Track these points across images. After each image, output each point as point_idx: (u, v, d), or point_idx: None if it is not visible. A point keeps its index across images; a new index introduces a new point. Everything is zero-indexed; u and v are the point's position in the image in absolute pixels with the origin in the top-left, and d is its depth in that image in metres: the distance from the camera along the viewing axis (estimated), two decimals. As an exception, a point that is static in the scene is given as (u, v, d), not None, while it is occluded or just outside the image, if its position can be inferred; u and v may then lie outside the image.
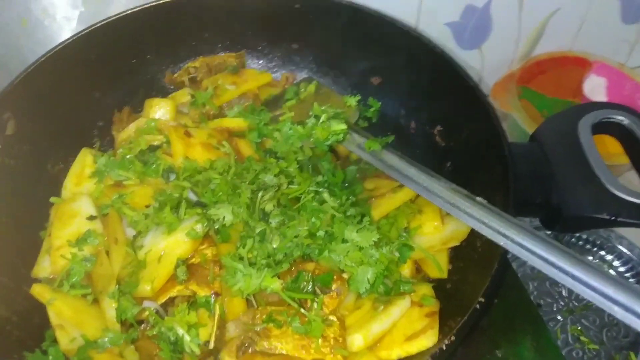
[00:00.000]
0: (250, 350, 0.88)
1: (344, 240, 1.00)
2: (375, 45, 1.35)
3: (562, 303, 1.45)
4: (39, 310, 1.02)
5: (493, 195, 0.97)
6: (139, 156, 1.19)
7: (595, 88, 1.86)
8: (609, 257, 1.49)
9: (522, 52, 1.83)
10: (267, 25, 1.40)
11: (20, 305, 1.02)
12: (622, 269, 1.47)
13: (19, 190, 1.15)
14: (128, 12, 1.27)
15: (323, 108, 1.24)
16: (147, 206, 1.08)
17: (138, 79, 1.37)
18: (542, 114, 1.71)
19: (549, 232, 1.30)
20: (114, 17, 1.26)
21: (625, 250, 1.47)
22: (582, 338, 1.40)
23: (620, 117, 1.02)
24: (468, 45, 1.72)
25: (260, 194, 1.04)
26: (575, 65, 1.81)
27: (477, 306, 0.83)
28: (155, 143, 1.22)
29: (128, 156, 1.17)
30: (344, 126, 1.17)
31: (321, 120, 1.21)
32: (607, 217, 0.88)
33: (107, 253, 1.04)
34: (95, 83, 1.30)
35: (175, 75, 1.39)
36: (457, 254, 1.12)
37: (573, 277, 0.78)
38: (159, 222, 1.04)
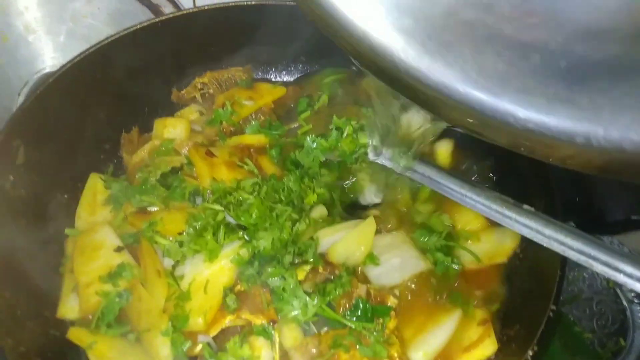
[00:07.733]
0: (322, 378, 0.85)
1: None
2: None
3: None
4: (71, 354, 0.94)
5: (532, 202, 0.98)
6: (160, 180, 1.12)
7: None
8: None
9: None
10: (274, 37, 1.36)
11: (51, 351, 0.93)
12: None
13: (30, 223, 1.05)
14: (133, 28, 1.20)
15: (343, 120, 1.22)
16: (179, 233, 1.02)
17: (143, 98, 1.29)
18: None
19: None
20: (119, 35, 1.18)
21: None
22: (575, 328, 1.45)
23: None
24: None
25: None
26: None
27: (551, 314, 0.83)
28: (175, 165, 1.16)
29: (150, 180, 1.10)
30: (373, 139, 1.16)
31: (346, 133, 1.19)
32: (654, 218, 0.92)
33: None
34: (99, 103, 1.21)
35: (183, 91, 1.32)
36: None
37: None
38: (197, 249, 0.98)
